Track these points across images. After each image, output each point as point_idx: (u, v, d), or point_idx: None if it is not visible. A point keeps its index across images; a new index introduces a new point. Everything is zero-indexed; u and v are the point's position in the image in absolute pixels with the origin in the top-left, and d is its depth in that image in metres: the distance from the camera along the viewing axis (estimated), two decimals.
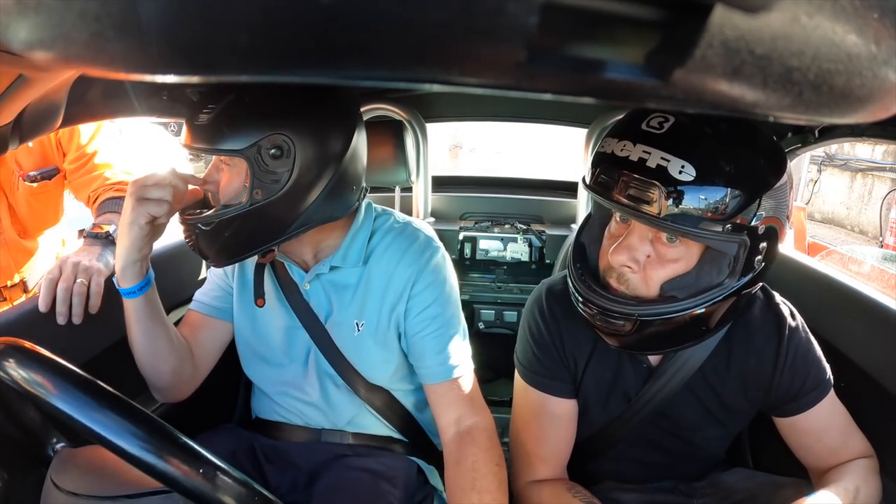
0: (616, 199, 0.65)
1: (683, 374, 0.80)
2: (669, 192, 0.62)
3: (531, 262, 1.78)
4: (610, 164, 0.66)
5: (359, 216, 0.93)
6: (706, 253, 0.67)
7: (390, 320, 0.91)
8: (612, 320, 0.70)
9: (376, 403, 0.96)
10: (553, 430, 0.88)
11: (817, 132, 1.11)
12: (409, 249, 0.92)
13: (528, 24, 0.18)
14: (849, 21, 0.21)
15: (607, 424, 0.89)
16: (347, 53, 0.19)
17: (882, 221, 6.34)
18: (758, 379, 0.81)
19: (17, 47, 0.22)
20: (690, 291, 0.67)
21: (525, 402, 0.90)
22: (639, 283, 0.69)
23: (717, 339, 0.80)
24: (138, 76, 0.21)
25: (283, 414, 0.99)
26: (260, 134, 0.74)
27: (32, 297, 0.89)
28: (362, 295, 0.92)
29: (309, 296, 0.94)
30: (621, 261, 0.68)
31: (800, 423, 0.82)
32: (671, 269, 0.68)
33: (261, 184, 0.76)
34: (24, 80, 0.52)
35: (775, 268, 1.01)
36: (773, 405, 0.83)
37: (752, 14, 0.20)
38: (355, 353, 0.93)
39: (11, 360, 0.49)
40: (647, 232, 0.69)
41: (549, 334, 0.85)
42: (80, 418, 0.46)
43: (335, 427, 0.97)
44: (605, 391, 0.87)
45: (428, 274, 0.91)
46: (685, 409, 0.83)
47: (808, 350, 0.81)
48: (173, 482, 0.46)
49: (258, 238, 0.81)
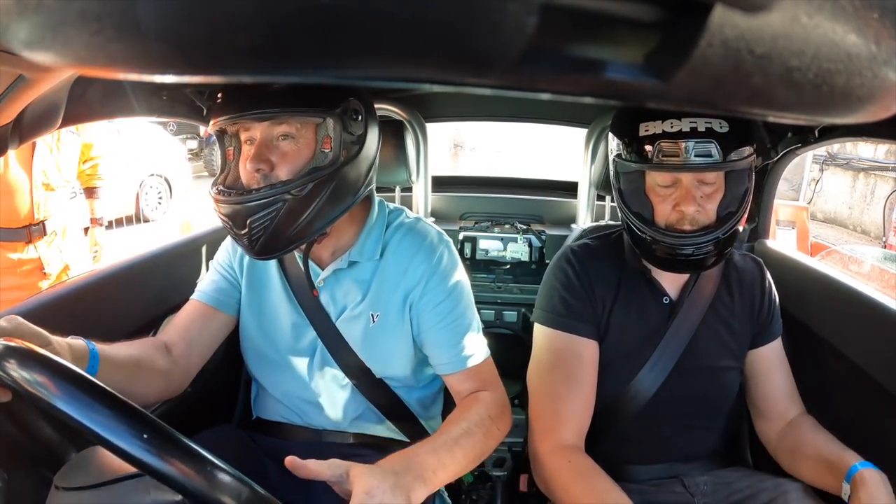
0: (684, 163, 0.83)
1: (699, 307, 0.95)
2: (721, 142, 0.82)
3: (531, 262, 1.78)
4: (670, 139, 0.83)
5: (373, 210, 0.95)
6: (729, 176, 0.87)
7: (405, 313, 0.93)
8: (706, 248, 0.86)
9: (380, 403, 0.96)
10: (577, 377, 0.92)
11: (817, 132, 1.11)
12: (422, 245, 0.94)
13: (528, 24, 0.18)
14: (849, 21, 0.21)
15: (636, 375, 0.94)
16: (348, 54, 0.19)
17: (885, 221, 6.33)
18: (752, 307, 0.99)
19: (17, 47, 0.22)
20: (737, 205, 0.88)
21: (548, 352, 0.95)
22: (704, 219, 0.87)
23: (718, 279, 0.98)
24: (138, 76, 0.21)
25: (284, 414, 0.99)
26: (343, 96, 0.81)
27: (31, 298, 0.89)
28: (377, 287, 0.93)
29: (321, 294, 0.94)
30: (694, 209, 0.86)
31: (765, 353, 0.99)
32: (715, 198, 0.87)
33: (348, 144, 0.82)
34: (24, 80, 0.53)
35: (776, 268, 1.02)
36: (756, 335, 0.99)
37: (752, 14, 0.20)
38: (368, 346, 0.94)
39: (12, 360, 0.49)
40: (693, 182, 0.86)
41: (577, 279, 0.96)
42: (80, 418, 0.46)
43: (337, 428, 0.97)
44: (633, 333, 0.94)
45: (441, 270, 0.93)
46: (704, 341, 0.95)
47: (773, 288, 1.01)
48: (174, 482, 0.46)
49: (338, 204, 0.83)
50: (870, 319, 0.95)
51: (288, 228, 0.79)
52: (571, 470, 0.84)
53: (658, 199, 0.89)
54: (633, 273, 0.96)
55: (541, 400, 0.93)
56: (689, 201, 0.85)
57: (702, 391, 0.96)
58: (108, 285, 0.98)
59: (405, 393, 0.98)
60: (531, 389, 0.96)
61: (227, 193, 0.80)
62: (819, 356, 0.97)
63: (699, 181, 0.86)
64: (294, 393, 0.97)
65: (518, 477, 1.40)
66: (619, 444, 0.95)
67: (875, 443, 0.86)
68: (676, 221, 0.88)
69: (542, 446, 0.90)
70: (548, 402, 0.92)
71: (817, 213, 7.77)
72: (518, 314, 1.73)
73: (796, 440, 0.92)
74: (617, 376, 0.94)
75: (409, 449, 0.77)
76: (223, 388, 1.19)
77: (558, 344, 0.94)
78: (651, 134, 0.84)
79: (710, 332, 0.95)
